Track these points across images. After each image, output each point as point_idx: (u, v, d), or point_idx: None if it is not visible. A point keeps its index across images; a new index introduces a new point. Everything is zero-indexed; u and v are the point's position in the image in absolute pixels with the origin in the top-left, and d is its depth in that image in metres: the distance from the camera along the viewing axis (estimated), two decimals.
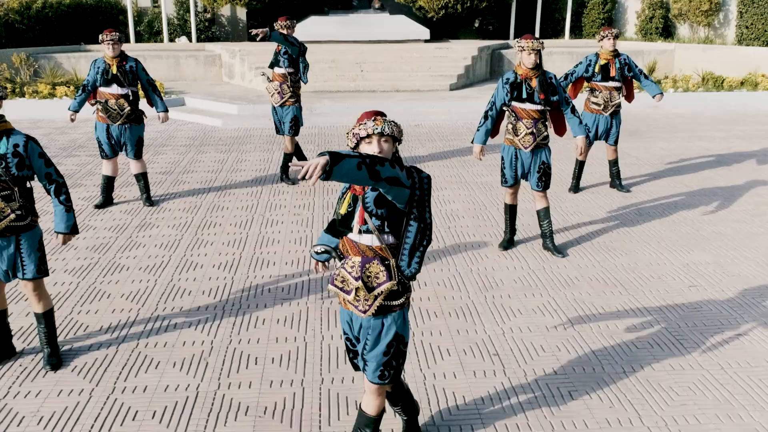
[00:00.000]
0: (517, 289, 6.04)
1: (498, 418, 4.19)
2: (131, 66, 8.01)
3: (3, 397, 4.38)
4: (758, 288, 6.03)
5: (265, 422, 4.14)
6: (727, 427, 4.08)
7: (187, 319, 5.46)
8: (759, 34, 17.46)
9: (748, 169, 9.98)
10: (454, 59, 16.82)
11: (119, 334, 5.21)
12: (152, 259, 6.70)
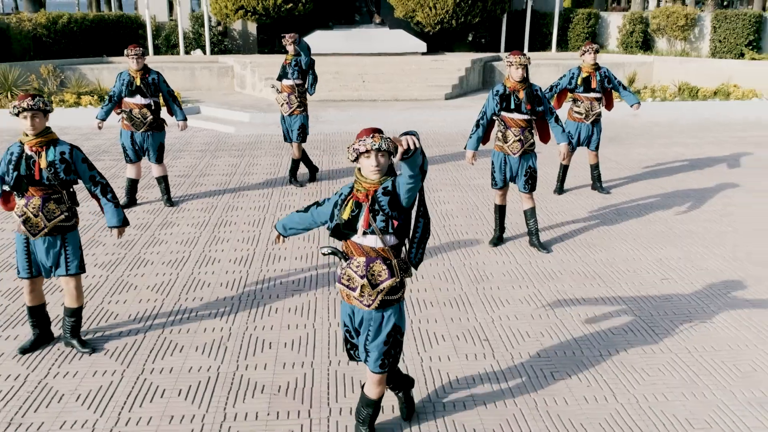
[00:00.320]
0: (505, 281, 6.21)
1: (487, 396, 4.36)
2: (153, 78, 8.17)
3: (44, 377, 4.56)
4: (724, 281, 6.19)
5: (279, 399, 4.32)
6: (692, 404, 4.26)
7: (207, 309, 5.64)
8: (731, 47, 17.47)
9: (718, 173, 10.10)
10: (449, 71, 16.86)
11: (146, 322, 5.39)
12: (174, 255, 6.87)
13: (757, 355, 4.85)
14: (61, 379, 4.55)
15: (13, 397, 4.33)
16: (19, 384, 4.48)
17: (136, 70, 8.05)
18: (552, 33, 19.98)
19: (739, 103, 15.36)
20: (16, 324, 5.34)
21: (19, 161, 4.47)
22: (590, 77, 8.51)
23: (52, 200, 4.59)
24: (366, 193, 3.39)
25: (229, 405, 4.26)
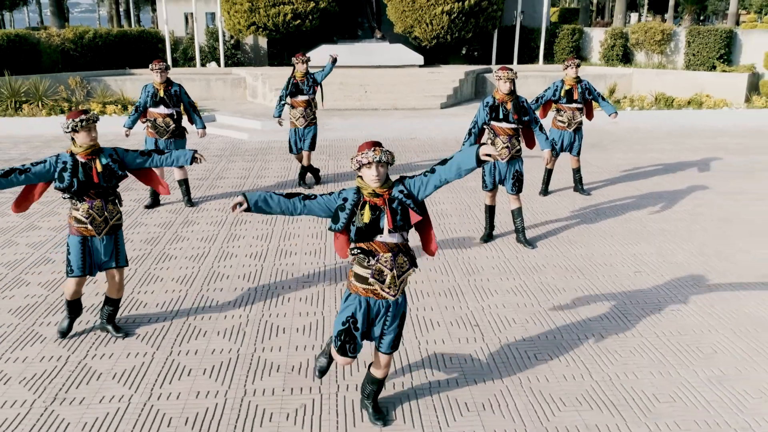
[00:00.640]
0: (494, 274, 6.40)
1: (477, 375, 4.57)
2: (175, 90, 8.37)
3: (84, 359, 4.78)
4: (691, 274, 6.39)
5: (293, 377, 4.53)
6: (659, 382, 4.47)
7: (227, 298, 5.85)
8: (704, 60, 17.58)
9: (690, 176, 10.26)
10: (444, 82, 16.95)
11: (172, 310, 5.60)
12: (195, 250, 7.07)
13: (718, 339, 5.06)
14: (99, 360, 4.76)
15: (57, 376, 4.54)
16: (62, 364, 4.70)
17: (160, 83, 8.25)
18: (539, 47, 20.00)
19: (711, 111, 15.50)
20: (56, 312, 5.55)
21: (76, 169, 4.66)
22: (572, 89, 8.67)
23: (110, 202, 4.83)
24: (382, 198, 3.57)
25: (249, 382, 4.47)
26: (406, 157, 11.56)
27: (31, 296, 5.87)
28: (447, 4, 17.46)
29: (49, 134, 14.01)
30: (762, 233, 7.53)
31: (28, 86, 15.31)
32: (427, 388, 4.39)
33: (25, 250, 7.05)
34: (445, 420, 4.05)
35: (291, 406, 4.19)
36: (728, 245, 7.16)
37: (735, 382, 4.46)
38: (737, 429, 3.95)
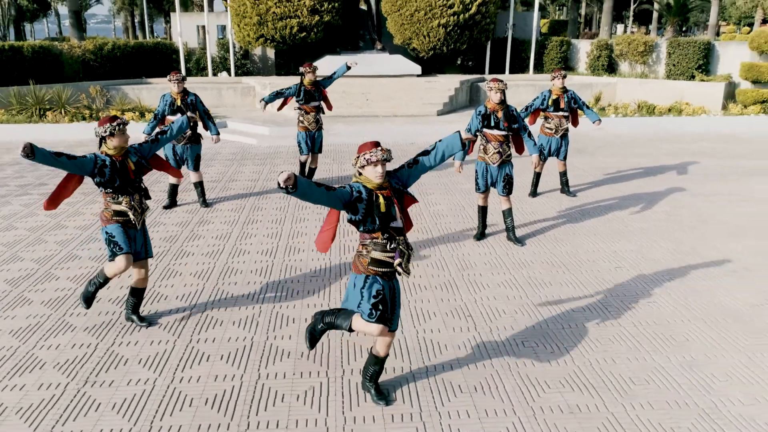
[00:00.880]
0: (486, 269, 6.56)
1: (470, 360, 4.74)
2: (191, 99, 8.52)
3: (111, 346, 4.95)
4: (667, 269, 6.55)
5: (302, 362, 4.71)
6: (634, 366, 4.64)
7: (241, 291, 6.01)
8: (683, 70, 17.68)
9: (669, 179, 10.41)
10: (441, 90, 16.98)
11: (191, 302, 5.77)
12: (210, 247, 7.23)
13: (690, 329, 5.23)
14: (125, 347, 4.94)
15: (87, 361, 4.72)
16: (92, 351, 4.87)
17: (177, 93, 8.40)
18: (529, 57, 20.02)
19: (690, 118, 15.60)
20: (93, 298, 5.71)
21: (114, 167, 4.86)
22: (559, 99, 8.82)
23: (142, 195, 5.05)
24: (389, 190, 3.84)
25: (262, 367, 4.64)
26: (404, 161, 11.69)
27: (61, 289, 6.04)
28: (443, 17, 17.55)
29: (72, 140, 14.15)
30: (734, 232, 7.70)
31: (51, 95, 15.44)
32: (424, 372, 4.56)
33: (54, 247, 7.23)
34: (440, 401, 4.22)
35: (300, 389, 4.37)
36: (702, 243, 7.32)
37: (704, 366, 4.63)
38: (704, 408, 4.12)
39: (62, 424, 3.99)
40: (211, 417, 4.06)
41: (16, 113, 15.12)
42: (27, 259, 6.85)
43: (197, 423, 4.00)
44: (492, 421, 4.00)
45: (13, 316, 5.49)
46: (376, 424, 3.97)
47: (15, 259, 6.85)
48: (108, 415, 4.08)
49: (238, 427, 3.95)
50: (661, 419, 4.01)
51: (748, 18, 72.35)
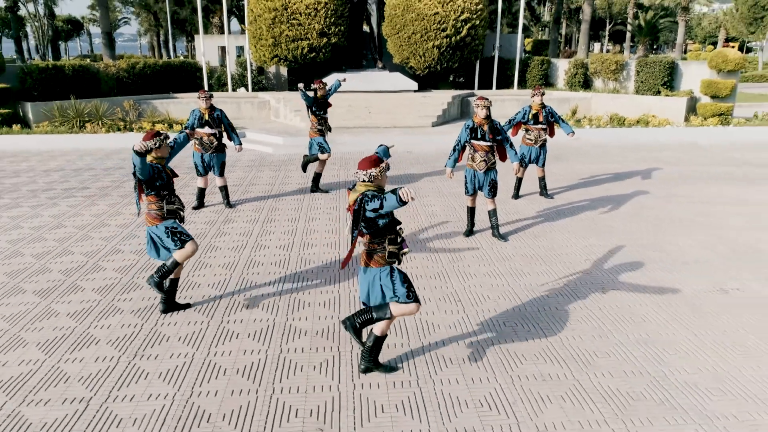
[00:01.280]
0: (474, 261, 6.85)
1: (459, 338, 5.05)
2: (218, 114, 8.82)
3: (154, 326, 5.26)
4: (629, 261, 6.84)
5: (318, 339, 5.02)
6: (598, 342, 4.95)
7: (263, 280, 6.32)
8: (650, 86, 17.93)
9: (635, 183, 10.66)
10: (435, 104, 17.18)
11: (221, 290, 6.08)
12: (235, 243, 7.54)
13: (647, 311, 5.54)
14: (167, 326, 5.25)
15: (135, 339, 5.03)
16: (138, 330, 5.19)
17: (205, 108, 8.69)
18: (514, 75, 20.22)
19: (656, 129, 15.83)
20: (130, 290, 6.04)
21: (161, 175, 5.18)
22: (538, 113, 9.12)
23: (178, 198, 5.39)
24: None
25: (284, 343, 4.96)
26: (403, 168, 12.00)
27: (109, 278, 6.36)
28: (437, 39, 17.80)
29: (108, 148, 14.46)
30: (688, 229, 8.00)
31: (90, 108, 15.72)
32: (420, 348, 4.87)
33: (99, 243, 7.54)
34: (434, 370, 4.54)
35: (316, 360, 4.68)
36: (660, 239, 7.62)
37: (657, 342, 4.95)
38: (656, 377, 4.44)
39: (117, 389, 4.31)
40: (242, 384, 4.38)
41: (58, 125, 15.41)
42: (77, 253, 7.16)
43: (230, 389, 4.32)
44: (477, 387, 4.32)
45: (69, 301, 5.80)
46: (381, 390, 4.29)
47: (66, 253, 7.16)
48: (155, 383, 4.39)
49: (265, 392, 4.27)
50: (618, 385, 4.33)
51: (713, 37, 72.60)
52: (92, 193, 10.13)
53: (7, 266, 6.71)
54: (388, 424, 3.92)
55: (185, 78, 19.17)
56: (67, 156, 13.54)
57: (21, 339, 5.04)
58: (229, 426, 3.90)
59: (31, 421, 3.97)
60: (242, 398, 4.20)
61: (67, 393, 4.27)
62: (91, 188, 10.48)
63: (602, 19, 71.87)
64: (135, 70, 17.81)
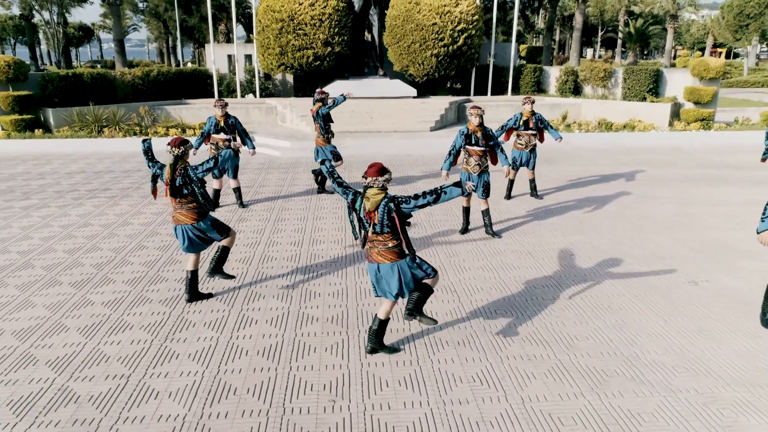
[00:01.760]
0: (469, 256, 7.26)
1: (455, 323, 5.45)
2: (232, 121, 9.23)
3: (181, 314, 5.68)
4: (610, 257, 7.24)
5: (329, 325, 5.43)
6: (578, 327, 5.36)
7: (277, 273, 6.73)
8: (637, 93, 18.32)
9: (619, 184, 11.04)
10: (433, 110, 17.46)
11: (239, 281, 6.48)
12: (249, 240, 7.94)
13: (623, 301, 5.96)
14: (193, 314, 5.67)
15: (165, 324, 5.45)
16: (167, 317, 5.60)
17: (221, 116, 9.11)
18: (508, 81, 20.53)
19: (641, 134, 16.19)
20: (157, 282, 6.45)
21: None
22: (528, 120, 9.50)
23: None
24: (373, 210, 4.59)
25: (298, 328, 5.37)
26: (403, 170, 12.39)
27: (137, 271, 6.77)
28: (435, 48, 18.19)
29: (125, 152, 14.86)
30: (666, 228, 8.42)
31: (107, 114, 16.13)
32: (419, 332, 5.29)
33: (125, 240, 7.95)
34: (432, 351, 4.96)
35: (328, 343, 5.10)
36: (640, 236, 8.03)
37: (631, 328, 5.37)
38: (628, 356, 4.86)
39: (153, 368, 4.73)
40: (262, 363, 4.80)
41: (78, 129, 15.82)
42: (105, 249, 7.58)
43: (252, 367, 4.74)
44: (470, 365, 4.74)
45: (102, 291, 6.22)
46: (385, 368, 4.71)
47: (96, 249, 7.57)
48: (186, 362, 4.81)
49: (284, 370, 4.69)
50: (595, 364, 4.75)
51: (701, 43, 73.01)
52: (114, 194, 10.54)
53: (43, 261, 7.13)
54: (392, 396, 4.34)
55: (196, 85, 19.55)
56: (87, 159, 13.94)
57: (63, 325, 5.45)
58: (252, 398, 4.32)
59: (80, 393, 4.39)
60: (263, 374, 4.62)
61: (108, 371, 4.69)
62: (112, 189, 10.89)
63: (594, 26, 72.31)
64: (149, 77, 18.18)
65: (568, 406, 4.21)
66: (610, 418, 4.08)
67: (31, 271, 6.78)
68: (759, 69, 53.97)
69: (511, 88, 20.61)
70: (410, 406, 4.22)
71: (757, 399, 4.28)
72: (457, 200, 9.67)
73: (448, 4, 18.05)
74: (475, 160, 7.63)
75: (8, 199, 10.18)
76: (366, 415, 4.11)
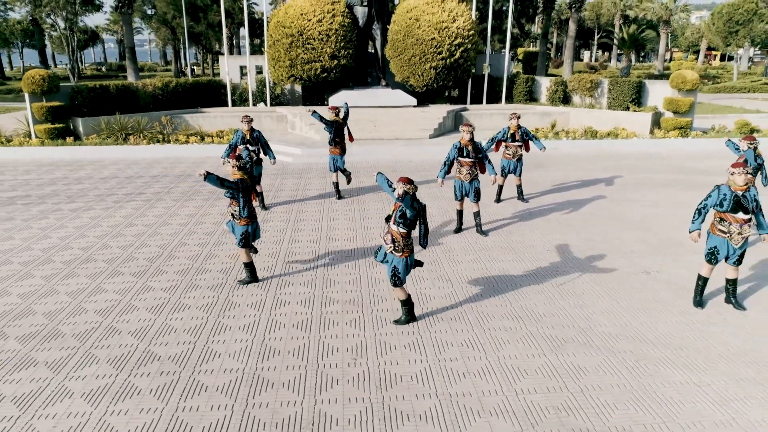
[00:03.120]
0: (462, 252, 8.52)
1: (448, 305, 6.74)
2: (256, 134, 10.52)
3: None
4: (581, 252, 8.52)
5: (348, 306, 6.71)
6: (547, 307, 6.66)
7: (300, 266, 8.02)
8: (621, 102, 19.54)
9: (597, 188, 12.26)
10: (432, 118, 18.51)
11: (272, 272, 7.77)
12: (274, 238, 9.22)
13: (586, 287, 7.24)
14: (237, 297, 6.98)
15: (216, 306, 6.76)
16: (216, 300, 6.91)
17: (247, 130, 10.41)
18: (502, 91, 21.69)
19: (624, 141, 17.32)
20: (202, 273, 7.75)
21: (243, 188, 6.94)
22: (515, 133, 10.76)
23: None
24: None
25: (323, 307, 6.67)
26: (405, 175, 13.62)
27: (183, 265, 8.07)
28: (434, 61, 19.43)
29: (150, 158, 16.14)
30: (632, 227, 9.71)
31: (132, 123, 17.41)
32: (420, 311, 6.59)
33: (168, 238, 9.24)
34: (431, 324, 6.27)
35: (348, 319, 6.41)
36: (608, 234, 9.32)
37: (589, 307, 6.68)
38: (583, 328, 6.17)
39: (213, 336, 6.04)
40: (298, 333, 6.11)
41: (105, 137, 17.10)
42: (152, 245, 8.88)
43: (290, 336, 6.04)
44: (460, 335, 6.05)
45: (158, 280, 7.53)
46: (394, 336, 6.03)
47: (144, 246, 8.87)
48: (237, 333, 6.13)
49: (315, 338, 6.00)
50: (556, 334, 6.07)
51: (696, 46, 74.29)
52: (149, 197, 11.84)
53: (102, 255, 8.44)
54: (399, 356, 5.65)
55: (211, 94, 20.75)
56: (116, 165, 15.22)
57: (134, 305, 6.76)
58: (293, 357, 5.63)
59: (160, 354, 5.70)
60: (299, 341, 5.93)
61: (178, 338, 6.00)
62: (146, 193, 12.18)
63: (591, 29, 73.55)
64: (168, 87, 19.43)
65: (532, 362, 5.53)
66: (563, 370, 5.40)
67: (95, 264, 8.09)
68: (750, 73, 55.32)
69: (505, 97, 21.82)
70: (413, 362, 5.53)
71: (676, 357, 5.60)
72: (453, 203, 10.98)
73: (446, 20, 19.33)
74: (466, 169, 8.93)
75: (56, 202, 11.48)
76: (380, 369, 5.43)
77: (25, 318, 6.45)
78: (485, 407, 4.84)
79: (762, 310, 6.61)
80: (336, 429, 4.59)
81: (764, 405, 4.87)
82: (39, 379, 5.27)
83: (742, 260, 6.50)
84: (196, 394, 5.06)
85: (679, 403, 4.88)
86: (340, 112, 11.26)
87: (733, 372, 5.35)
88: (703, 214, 6.53)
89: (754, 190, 6.35)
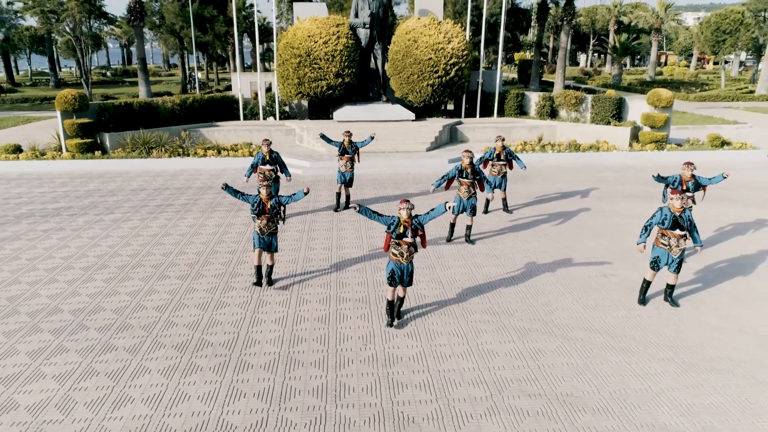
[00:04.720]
0: (452, 258, 10.02)
1: (440, 302, 8.26)
2: (275, 155, 12.03)
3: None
4: (552, 257, 10.02)
5: (359, 303, 8.22)
6: (519, 304, 8.18)
7: (317, 269, 9.54)
8: (603, 117, 20.98)
9: (574, 200, 13.69)
10: (429, 132, 19.89)
11: (294, 272, 9.31)
12: (291, 245, 10.72)
13: (552, 287, 8.75)
14: (268, 296, 8.50)
15: (251, 303, 8.28)
16: (250, 300, 8.43)
17: (267, 151, 11.92)
18: (494, 105, 23.18)
19: (605, 153, 18.72)
20: (235, 276, 9.28)
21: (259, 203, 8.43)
22: (500, 153, 12.28)
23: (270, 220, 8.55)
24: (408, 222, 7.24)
25: (339, 305, 8.19)
26: (403, 187, 15.15)
27: (218, 270, 9.57)
28: (431, 79, 20.95)
29: (172, 170, 17.61)
30: (598, 235, 11.22)
31: (154, 137, 18.92)
32: (416, 308, 8.11)
33: (200, 246, 10.74)
34: (427, 317, 7.80)
35: (359, 314, 7.95)
36: (577, 242, 10.84)
37: (553, 304, 8.20)
38: (545, 321, 7.71)
39: (252, 327, 7.57)
40: (319, 326, 7.64)
41: (130, 151, 18.60)
42: (189, 253, 10.40)
43: (313, 327, 7.56)
44: (448, 326, 7.59)
45: (200, 282, 9.05)
46: (396, 328, 7.56)
47: (182, 253, 10.39)
48: (271, 325, 7.65)
49: (333, 329, 7.53)
50: (523, 324, 7.59)
51: (689, 50, 75.89)
52: (177, 209, 13.34)
53: (148, 261, 9.95)
54: (400, 342, 7.18)
55: (224, 109, 22.22)
56: (142, 177, 16.69)
57: (183, 303, 8.28)
58: (317, 344, 7.16)
59: (211, 341, 7.23)
60: (320, 332, 7.47)
61: (224, 329, 7.53)
62: (174, 204, 13.68)
63: (587, 34, 75.09)
64: (186, 104, 20.91)
65: (503, 347, 7.07)
66: (526, 352, 6.93)
67: (144, 269, 9.61)
68: (740, 78, 56.89)
69: (497, 111, 23.34)
70: (411, 347, 7.07)
71: (615, 342, 7.15)
72: (447, 215, 12.49)
73: (442, 41, 20.86)
74: (465, 188, 10.43)
75: (97, 213, 12.99)
76: (385, 351, 6.96)
77: (99, 313, 7.98)
78: (465, 379, 6.37)
79: (692, 307, 8.15)
80: (353, 395, 6.12)
81: (675, 377, 6.42)
82: (121, 360, 6.80)
83: (680, 268, 8.01)
84: (245, 370, 6.59)
85: (611, 376, 6.43)
86: (351, 136, 12.68)
87: (657, 354, 6.89)
88: (648, 230, 8.05)
89: (689, 212, 7.88)
